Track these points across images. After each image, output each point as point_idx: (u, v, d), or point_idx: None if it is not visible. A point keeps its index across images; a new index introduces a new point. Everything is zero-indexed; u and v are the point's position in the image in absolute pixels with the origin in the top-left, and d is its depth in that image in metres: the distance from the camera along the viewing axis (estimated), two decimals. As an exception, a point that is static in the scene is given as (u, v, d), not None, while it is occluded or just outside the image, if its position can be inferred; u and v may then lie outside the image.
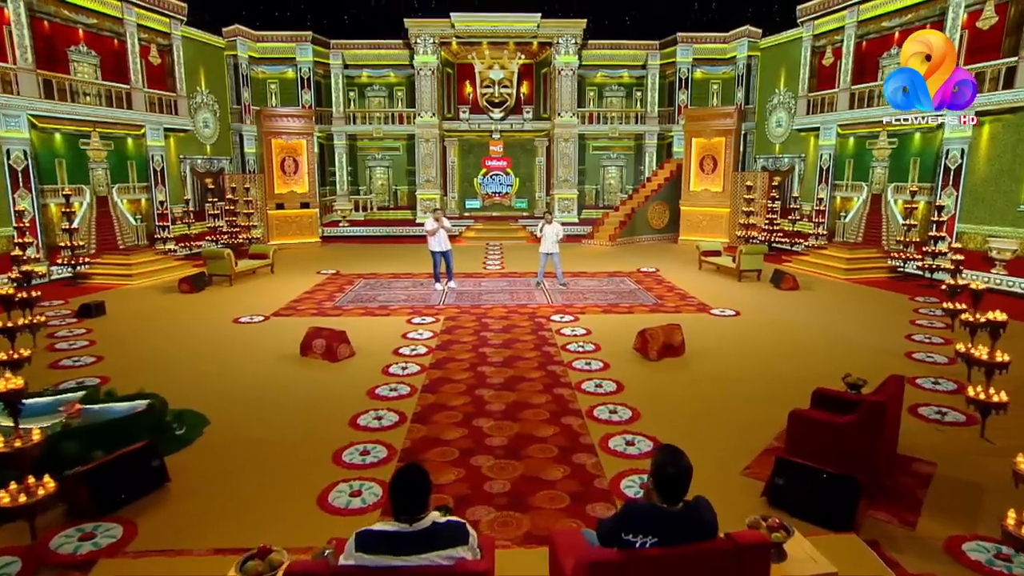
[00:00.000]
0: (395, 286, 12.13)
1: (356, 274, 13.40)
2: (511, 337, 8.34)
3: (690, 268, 13.99)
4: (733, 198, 18.14)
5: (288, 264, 14.77)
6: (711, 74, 21.57)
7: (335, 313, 9.88)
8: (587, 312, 9.90)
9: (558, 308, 10.18)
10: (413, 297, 11.09)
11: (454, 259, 11.85)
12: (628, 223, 18.88)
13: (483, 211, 22.78)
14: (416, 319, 9.40)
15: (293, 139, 18.30)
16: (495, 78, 21.66)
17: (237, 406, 5.90)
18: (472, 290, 11.76)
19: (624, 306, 10.36)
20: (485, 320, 9.34)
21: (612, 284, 12.38)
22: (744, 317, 9.57)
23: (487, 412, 5.74)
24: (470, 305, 10.40)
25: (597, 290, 11.75)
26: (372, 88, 22.23)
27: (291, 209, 18.37)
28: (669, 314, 9.71)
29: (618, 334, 8.42)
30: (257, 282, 12.64)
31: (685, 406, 5.90)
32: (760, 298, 10.94)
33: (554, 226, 11.72)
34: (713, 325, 9.08)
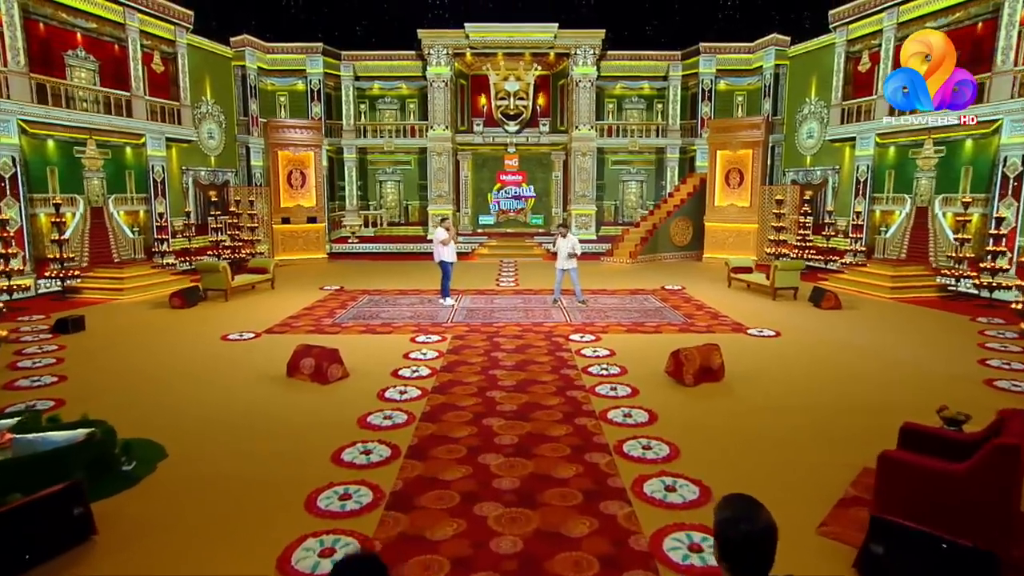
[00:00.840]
0: (401, 303, 11.39)
1: (361, 290, 12.73)
2: (525, 358, 7.50)
3: (718, 286, 13.16)
4: (761, 213, 17.31)
5: (291, 280, 14.17)
6: (735, 85, 20.82)
7: (333, 331, 9.12)
8: (610, 331, 9.03)
9: (577, 327, 9.33)
10: (419, 314, 10.32)
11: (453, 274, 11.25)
12: (649, 240, 18.11)
13: (497, 227, 22.12)
14: (421, 338, 8.60)
15: (301, 151, 17.85)
16: (510, 90, 21.13)
17: (204, 435, 5.10)
18: (483, 307, 10.96)
19: (650, 325, 9.48)
20: (497, 339, 8.51)
21: (635, 302, 11.52)
22: (786, 338, 8.64)
23: (496, 446, 4.88)
24: (481, 323, 9.59)
25: (619, 308, 10.89)
26: (383, 100, 21.82)
27: (297, 224, 17.84)
28: (701, 334, 8.81)
29: (646, 355, 7.54)
30: (255, 298, 11.98)
31: (731, 442, 5.00)
32: (800, 317, 10.01)
33: (569, 239, 10.94)
34: (752, 346, 8.16)
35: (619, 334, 8.90)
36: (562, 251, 10.87)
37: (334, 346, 6.95)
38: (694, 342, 7.44)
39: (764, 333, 8.86)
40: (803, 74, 17.66)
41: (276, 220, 17.64)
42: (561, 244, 10.91)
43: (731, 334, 8.85)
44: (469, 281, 13.64)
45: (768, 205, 17.13)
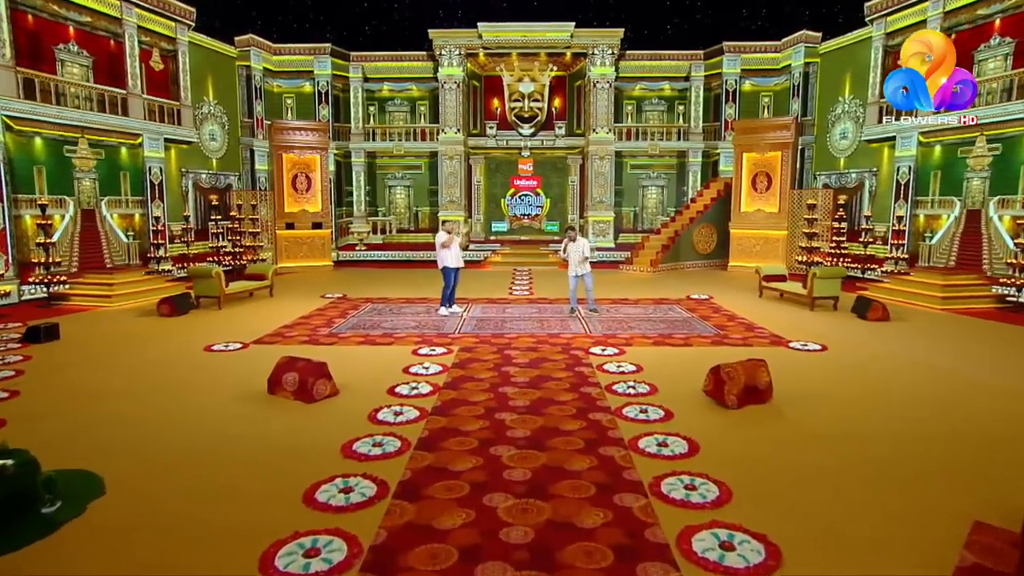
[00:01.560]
0: (405, 312, 10.62)
1: (364, 298, 12.01)
2: (540, 374, 6.66)
3: (748, 295, 12.30)
4: (791, 219, 16.38)
5: (292, 287, 13.52)
6: (761, 86, 20.04)
7: (328, 341, 8.35)
8: (634, 344, 8.17)
9: (598, 339, 8.47)
10: (424, 324, 9.53)
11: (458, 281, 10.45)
12: (671, 247, 17.25)
13: (511, 234, 21.48)
14: (424, 350, 7.79)
15: (306, 154, 17.27)
16: (525, 91, 20.52)
17: (157, 465, 4.32)
18: (494, 317, 10.15)
19: (679, 337, 8.60)
20: (508, 352, 7.68)
21: (660, 312, 10.64)
22: (834, 352, 7.71)
23: (505, 482, 4.05)
24: (491, 334, 8.77)
25: (643, 318, 10.02)
26: (393, 103, 21.30)
27: (302, 229, 17.22)
28: (737, 347, 7.92)
29: (677, 371, 6.68)
30: (251, 305, 11.28)
31: (791, 480, 4.11)
32: (845, 330, 9.07)
33: (580, 243, 10.18)
34: (797, 362, 7.24)
35: (645, 347, 8.03)
36: (573, 256, 10.12)
37: (327, 359, 6.17)
38: (729, 356, 6.59)
39: (808, 347, 7.94)
40: (835, 72, 16.79)
41: (280, 226, 17.03)
42: (572, 249, 10.15)
43: (771, 348, 7.94)
44: (480, 289, 12.89)
45: (799, 210, 16.25)
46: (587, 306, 10.46)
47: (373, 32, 20.46)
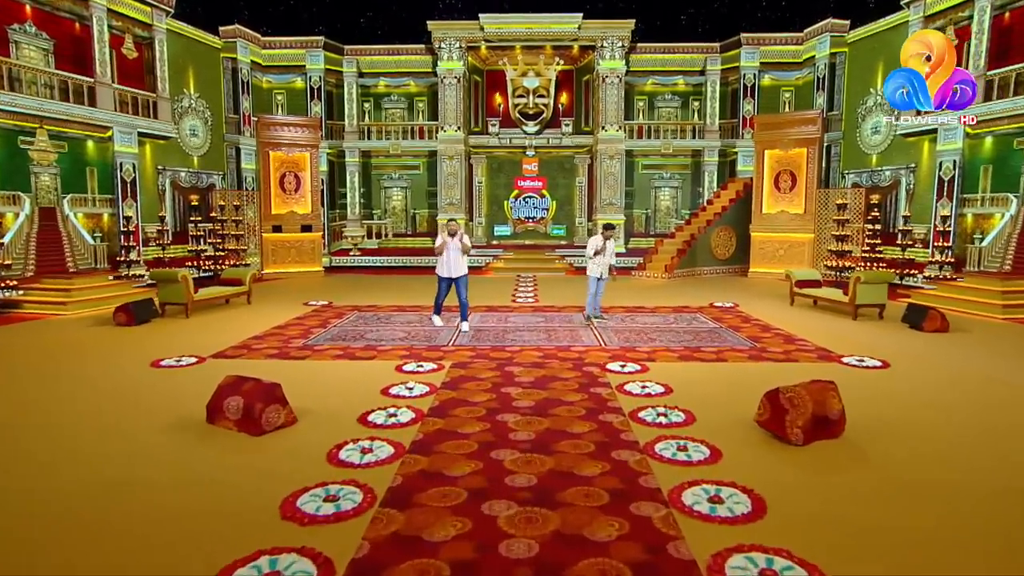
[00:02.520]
0: (395, 320, 9.52)
1: (351, 306, 10.96)
2: (548, 397, 5.51)
3: (778, 303, 11.23)
4: (817, 221, 15.26)
5: (274, 294, 12.54)
6: (781, 80, 19.08)
7: (300, 355, 7.22)
8: (658, 358, 7.02)
9: (615, 353, 7.33)
10: (414, 335, 8.41)
11: (467, 290, 8.82)
12: (687, 252, 16.17)
13: (514, 239, 20.61)
14: (410, 365, 6.66)
15: (295, 151, 16.28)
16: (529, 87, 19.62)
17: (25, 529, 3.18)
18: (495, 327, 9.02)
19: (709, 350, 7.44)
20: (510, 369, 6.54)
21: (683, 321, 9.50)
22: (898, 370, 6.53)
23: (503, 561, 2.88)
24: (490, 347, 7.63)
25: (664, 328, 8.88)
26: (390, 99, 20.48)
27: (290, 232, 16.22)
28: (781, 363, 6.77)
29: (715, 393, 5.54)
30: (225, 313, 10.21)
31: (907, 555, 2.93)
32: (901, 343, 7.89)
33: (611, 244, 9.29)
34: (858, 382, 6.06)
35: (671, 362, 6.88)
36: (606, 256, 9.15)
37: (296, 376, 5.09)
38: (774, 374, 5.48)
39: (866, 363, 6.75)
40: (866, 61, 15.72)
41: (266, 228, 15.99)
42: (610, 247, 9.20)
43: (821, 364, 6.77)
44: (480, 296, 11.80)
45: (826, 212, 15.18)
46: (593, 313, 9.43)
47: (368, 24, 19.63)
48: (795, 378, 5.10)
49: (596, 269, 9.24)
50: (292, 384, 5.21)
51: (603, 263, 9.17)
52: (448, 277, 8.70)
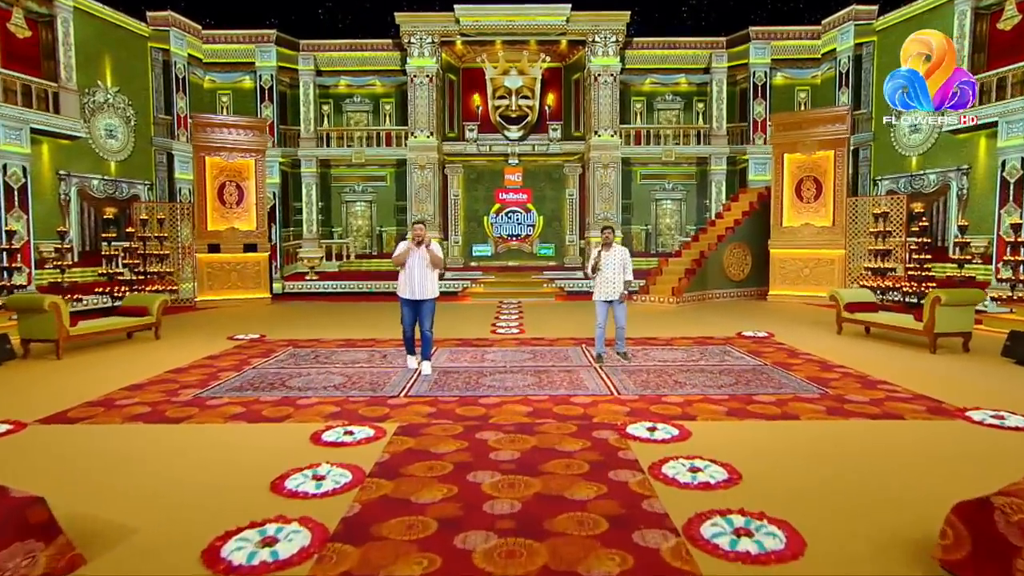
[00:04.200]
0: (338, 359, 7.58)
1: (287, 340, 9.04)
2: (543, 492, 3.55)
3: (820, 331, 9.59)
4: (848, 235, 13.63)
5: (197, 326, 10.68)
6: (796, 78, 17.71)
7: (179, 415, 5.17)
8: (697, 413, 5.12)
9: (634, 405, 5.41)
10: (356, 381, 6.43)
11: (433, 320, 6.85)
12: (696, 273, 14.49)
13: (495, 260, 18.98)
14: (333, 432, 4.65)
15: (237, 158, 14.36)
16: (512, 87, 18.03)
17: None
18: (467, 368, 7.06)
19: (765, 400, 5.52)
20: (483, 436, 4.57)
21: (711, 356, 7.64)
22: (1057, 431, 4.63)
23: None
24: (457, 398, 5.67)
25: (691, 367, 7.00)
26: (352, 100, 18.84)
27: (231, 252, 14.21)
28: (877, 421, 4.88)
29: (811, 480, 3.64)
30: (115, 352, 8.16)
31: None
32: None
33: (617, 252, 7.30)
34: (1016, 454, 4.14)
35: (718, 419, 4.96)
36: (608, 270, 7.19)
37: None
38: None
39: (1008, 422, 4.82)
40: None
41: (201, 247, 13.97)
42: (607, 259, 7.23)
43: (936, 421, 4.88)
44: (454, 327, 10.03)
45: (860, 222, 13.57)
46: (614, 349, 7.46)
47: (328, 16, 17.95)
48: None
49: (602, 290, 7.32)
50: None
51: (611, 280, 7.23)
52: (410, 299, 6.70)
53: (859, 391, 5.81)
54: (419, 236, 6.60)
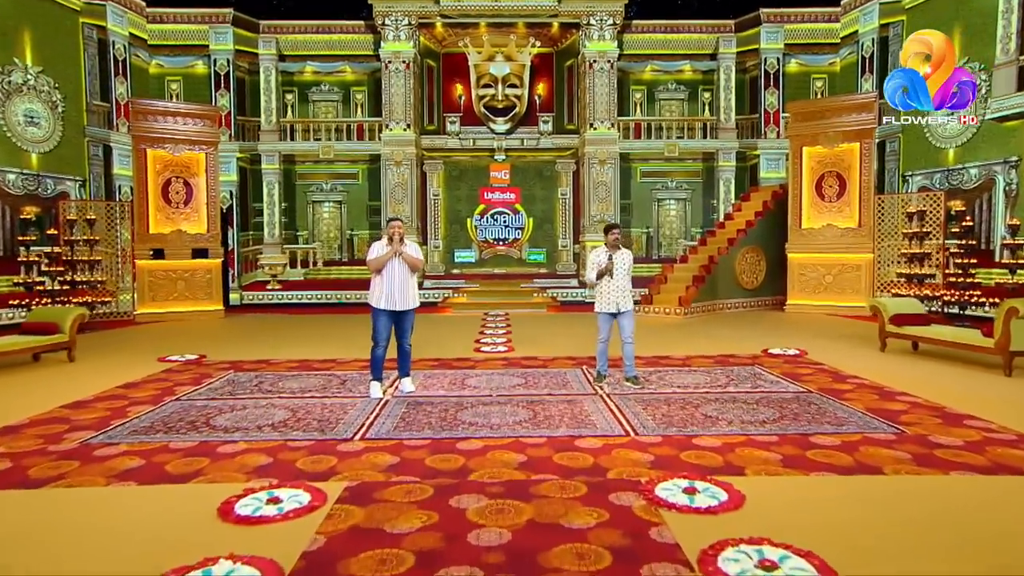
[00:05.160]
0: (286, 386, 6.57)
1: (230, 362, 8.01)
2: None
3: (859, 347, 8.79)
4: (877, 237, 12.90)
5: (125, 344, 9.71)
6: (812, 65, 17.15)
7: (42, 478, 4.05)
8: (745, 466, 4.13)
9: (658, 449, 4.45)
10: (302, 416, 5.40)
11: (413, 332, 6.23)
12: (705, 280, 13.62)
13: (480, 266, 18.34)
14: (251, 501, 3.55)
15: (184, 150, 13.31)
16: (498, 74, 17.31)
17: None
18: (442, 398, 6.04)
19: (826, 442, 4.55)
20: (459, 503, 3.54)
21: (741, 380, 6.76)
22: None
23: None
24: (428, 442, 4.67)
25: (719, 393, 6.12)
26: (319, 89, 17.96)
27: (177, 259, 13.19)
28: (990, 478, 3.83)
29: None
30: (11, 380, 7.07)
31: None
32: None
33: (625, 256, 6.49)
34: None
35: (774, 474, 3.97)
36: (618, 275, 6.36)
37: None
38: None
39: None
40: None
41: (143, 253, 12.86)
42: (622, 261, 6.42)
43: (1064, 474, 3.85)
44: (431, 344, 9.08)
45: (888, 223, 12.81)
46: (624, 372, 6.55)
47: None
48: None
49: (606, 300, 6.40)
50: None
51: (620, 288, 6.31)
52: (389, 311, 5.95)
53: (942, 429, 4.80)
54: (396, 232, 5.89)
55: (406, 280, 5.96)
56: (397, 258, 5.90)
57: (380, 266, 5.91)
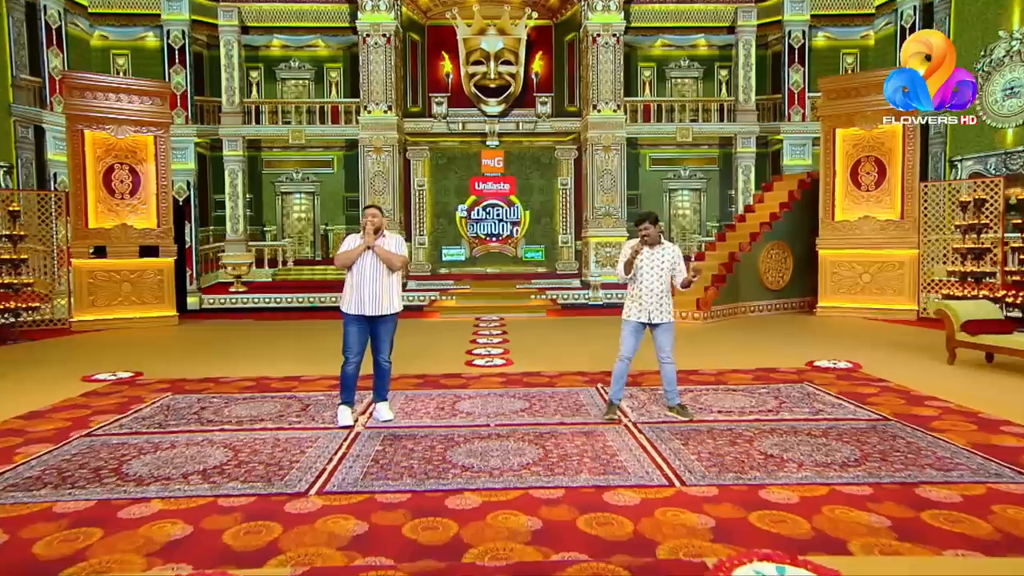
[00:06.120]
0: (233, 414, 5.71)
1: (170, 381, 7.13)
2: None
3: (918, 359, 8.21)
4: (922, 229, 12.30)
5: (49, 358, 8.91)
6: (842, 39, 17.02)
7: None
8: (838, 528, 3.26)
9: (718, 510, 3.55)
10: (246, 458, 4.53)
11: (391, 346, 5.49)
12: (727, 280, 13.04)
13: (471, 265, 18.34)
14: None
15: (129, 132, 12.49)
16: (490, 50, 17.15)
17: None
18: (428, 430, 5.24)
19: (942, 498, 3.70)
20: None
21: (794, 402, 5.97)
22: None
23: None
24: (408, 495, 3.86)
25: (774, 421, 5.30)
26: (289, 66, 17.83)
27: (123, 258, 12.37)
28: None
29: None
30: None
31: None
32: None
33: (667, 251, 5.56)
34: None
35: (889, 552, 3.09)
36: (651, 277, 5.49)
37: None
38: None
39: None
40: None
41: (81, 251, 12.00)
42: (649, 261, 5.50)
43: None
44: (415, 356, 8.39)
45: (934, 214, 12.22)
46: (665, 400, 5.72)
47: (257, -41, 16.33)
48: None
49: (635, 307, 5.57)
50: None
51: (654, 292, 5.47)
52: (360, 315, 5.29)
53: (1085, 476, 3.90)
54: (374, 223, 5.26)
55: (381, 279, 5.25)
56: (371, 252, 5.19)
57: (349, 262, 5.24)
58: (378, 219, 5.28)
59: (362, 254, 5.20)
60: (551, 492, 3.78)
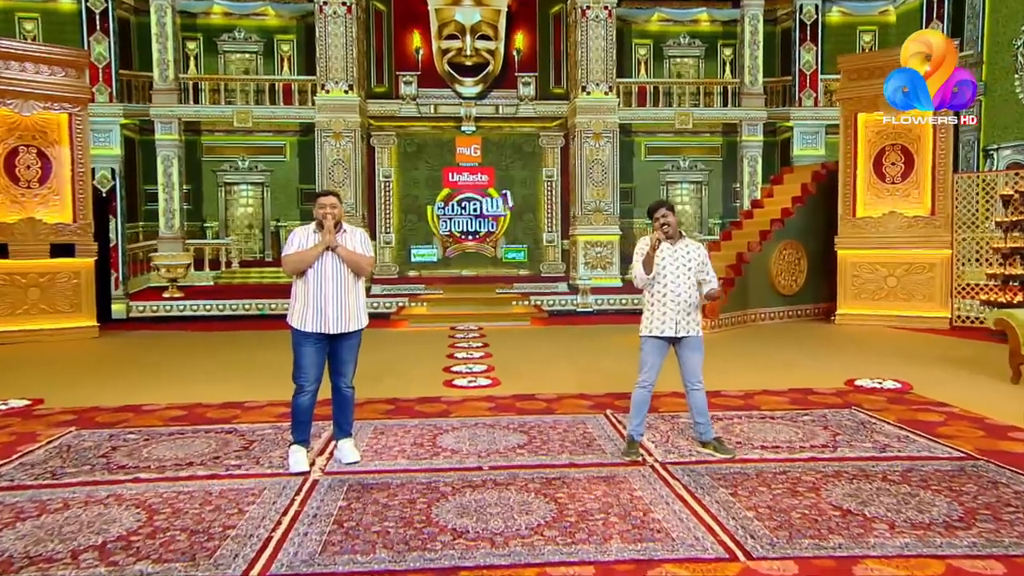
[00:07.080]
0: (153, 457, 5.07)
1: (78, 411, 6.49)
2: None
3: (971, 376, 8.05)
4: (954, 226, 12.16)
5: None
6: (859, 14, 17.39)
7: None
8: None
9: None
10: (162, 525, 3.79)
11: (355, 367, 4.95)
12: (735, 284, 12.83)
13: (444, 267, 18.35)
14: None
15: (37, 109, 11.97)
16: (466, 22, 17.05)
17: None
18: (404, 476, 4.63)
19: None
20: None
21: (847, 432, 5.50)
22: None
23: None
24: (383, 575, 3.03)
25: (831, 461, 4.79)
26: (233, 36, 17.73)
27: (29, 258, 11.92)
28: None
29: None
30: None
31: None
32: None
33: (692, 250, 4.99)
34: None
35: None
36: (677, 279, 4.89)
37: None
38: None
39: None
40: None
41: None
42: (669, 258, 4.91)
43: None
44: (382, 376, 7.93)
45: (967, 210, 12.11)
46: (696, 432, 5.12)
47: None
48: None
49: (657, 318, 4.93)
50: None
51: (681, 298, 4.85)
52: (318, 334, 4.69)
53: None
54: (336, 217, 4.68)
55: (346, 287, 4.68)
56: (331, 253, 4.60)
57: (304, 266, 4.61)
58: (338, 210, 4.69)
59: (320, 256, 4.59)
60: (576, 570, 3.14)
